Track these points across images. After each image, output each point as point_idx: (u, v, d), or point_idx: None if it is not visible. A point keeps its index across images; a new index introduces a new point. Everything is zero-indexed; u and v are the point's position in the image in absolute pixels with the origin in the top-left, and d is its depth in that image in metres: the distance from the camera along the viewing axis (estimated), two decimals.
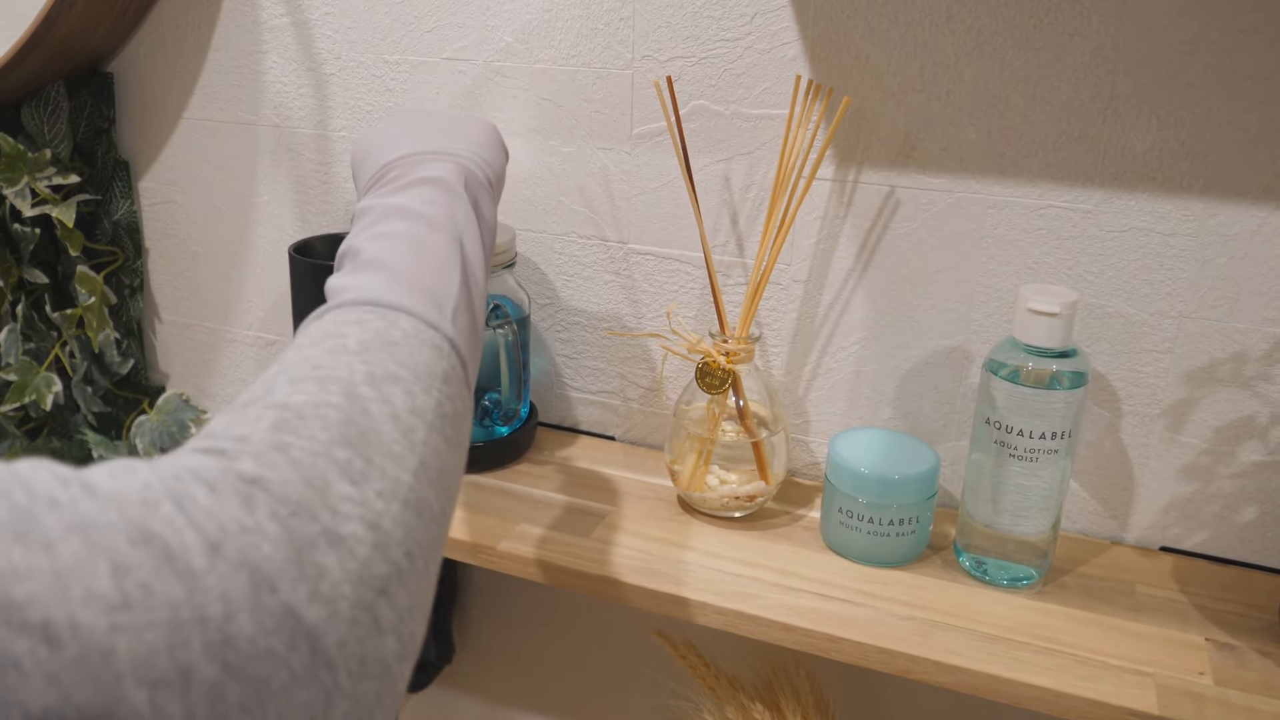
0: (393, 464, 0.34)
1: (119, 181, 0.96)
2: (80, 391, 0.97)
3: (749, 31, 0.70)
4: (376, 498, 0.32)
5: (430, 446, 0.36)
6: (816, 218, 0.72)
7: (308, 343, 0.38)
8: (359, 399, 0.35)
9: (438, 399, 0.38)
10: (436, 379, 0.39)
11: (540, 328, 0.83)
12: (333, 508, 0.31)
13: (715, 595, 0.62)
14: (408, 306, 0.41)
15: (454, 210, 0.48)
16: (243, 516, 0.29)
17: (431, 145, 0.52)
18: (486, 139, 0.56)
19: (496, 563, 0.67)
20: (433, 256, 0.45)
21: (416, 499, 0.34)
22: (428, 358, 0.39)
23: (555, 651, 0.92)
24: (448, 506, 0.37)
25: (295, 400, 0.34)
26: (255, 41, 0.87)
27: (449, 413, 0.39)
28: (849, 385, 0.74)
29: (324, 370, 0.36)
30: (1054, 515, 0.63)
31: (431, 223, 0.46)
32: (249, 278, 0.95)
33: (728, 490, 0.70)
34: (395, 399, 0.36)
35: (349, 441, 0.33)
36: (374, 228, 0.46)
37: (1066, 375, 0.60)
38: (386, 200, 0.48)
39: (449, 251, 0.46)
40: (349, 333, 0.38)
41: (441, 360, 0.40)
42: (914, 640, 0.59)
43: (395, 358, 0.38)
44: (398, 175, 0.50)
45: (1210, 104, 0.60)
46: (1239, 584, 0.66)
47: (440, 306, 0.42)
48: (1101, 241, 0.65)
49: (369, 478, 0.33)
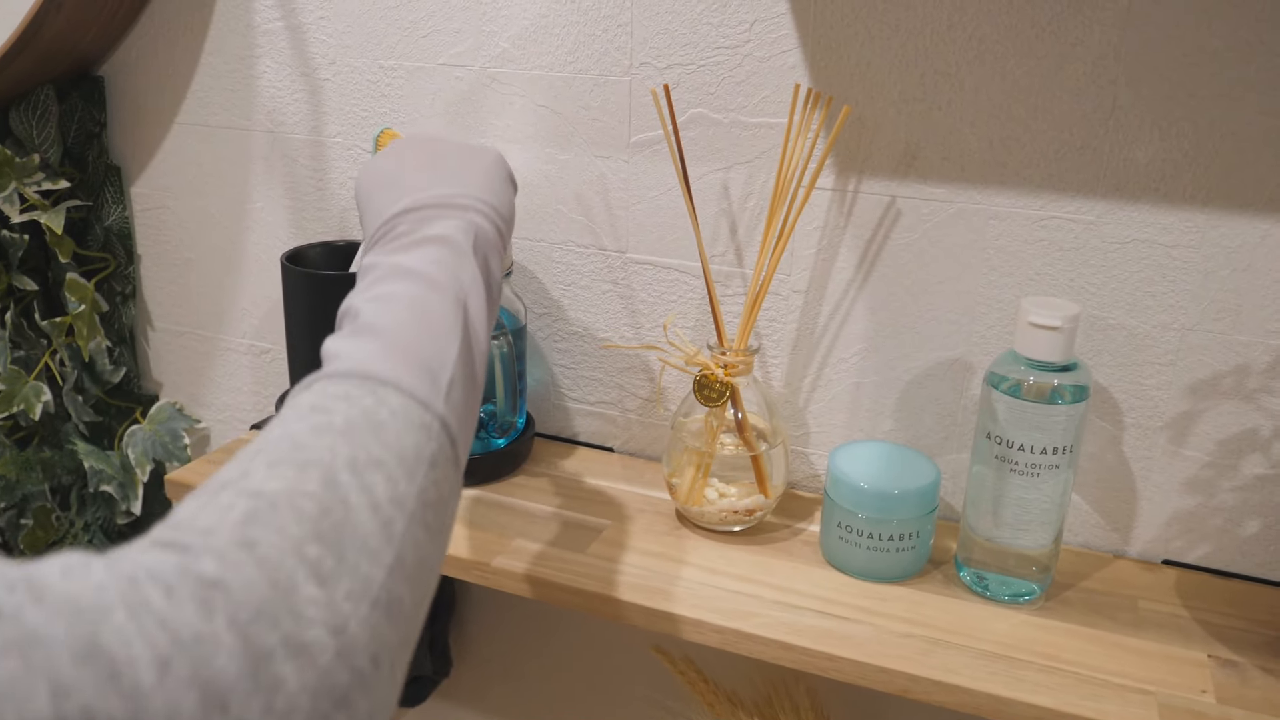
0: (366, 560, 0.33)
1: (110, 187, 0.95)
2: (71, 400, 0.96)
3: (748, 39, 0.69)
4: (345, 599, 0.31)
5: (409, 539, 0.35)
6: (816, 227, 0.71)
7: (293, 417, 0.37)
8: (338, 487, 0.34)
9: (421, 485, 0.37)
10: (423, 463, 0.38)
11: (537, 337, 0.82)
12: (296, 612, 0.30)
13: (713, 613, 0.62)
14: (399, 381, 0.39)
15: (460, 271, 0.46)
16: (199, 624, 0.27)
17: (440, 191, 0.50)
18: (496, 176, 0.54)
19: (491, 579, 0.67)
20: (432, 323, 0.43)
21: (388, 598, 0.33)
22: (415, 440, 0.38)
23: (553, 666, 0.91)
24: (423, 600, 0.36)
25: (270, 488, 0.33)
26: (249, 45, 0.86)
27: (432, 499, 0.37)
28: (849, 397, 0.73)
29: (305, 452, 0.35)
30: (1056, 529, 0.62)
31: (434, 284, 0.45)
32: (243, 285, 0.94)
33: (726, 504, 0.69)
34: (376, 487, 0.35)
35: (321, 536, 0.32)
36: (375, 288, 0.45)
37: (1068, 389, 0.60)
38: (391, 259, 0.47)
39: (450, 317, 0.44)
40: (336, 409, 0.37)
41: (430, 442, 0.39)
42: (914, 659, 0.58)
43: (381, 440, 0.37)
44: (405, 231, 0.49)
45: (1214, 115, 0.59)
46: (1242, 598, 0.65)
47: (434, 380, 0.41)
48: (1104, 253, 0.64)
49: (339, 577, 0.31)
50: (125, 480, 0.98)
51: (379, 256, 0.48)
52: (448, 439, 0.40)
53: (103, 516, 1.01)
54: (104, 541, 1.01)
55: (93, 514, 1.00)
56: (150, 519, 1.04)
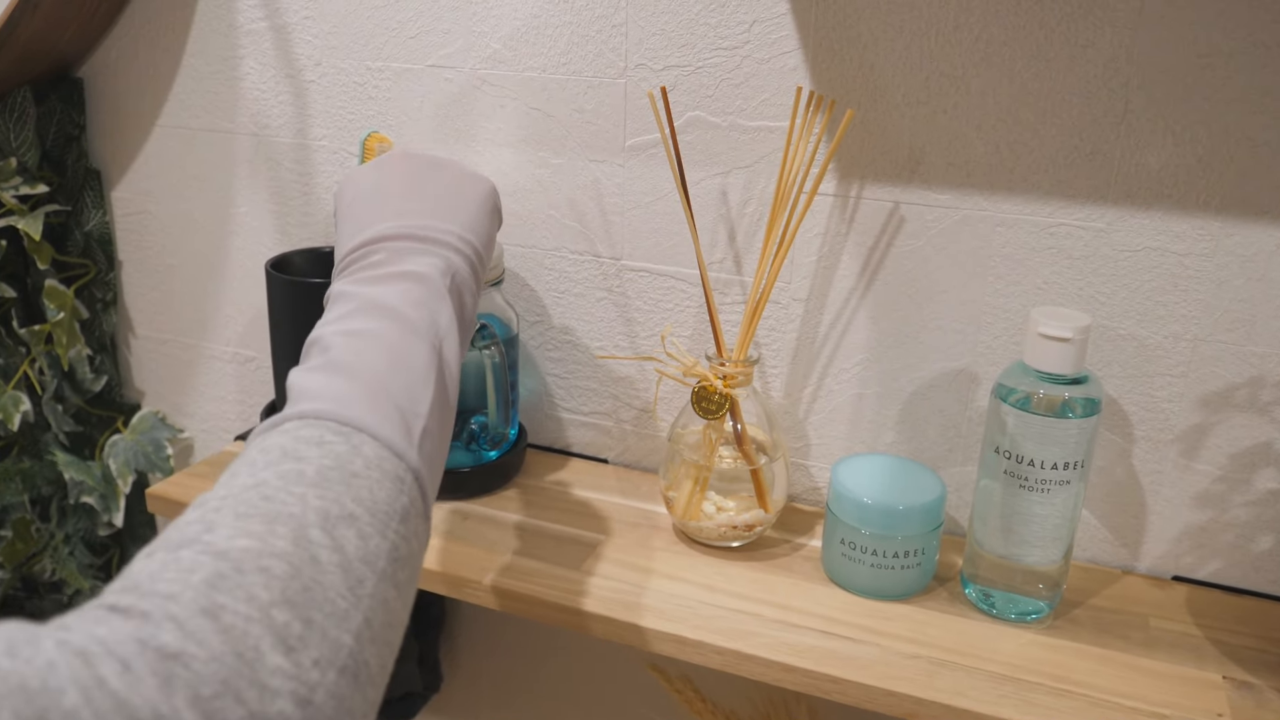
0: (335, 624, 0.31)
1: (90, 191, 0.92)
2: (51, 410, 0.93)
3: (747, 40, 0.67)
4: (312, 667, 0.30)
5: (378, 599, 0.34)
6: (817, 234, 0.69)
7: (263, 462, 0.36)
8: (308, 545, 0.33)
9: (393, 542, 0.36)
10: (394, 518, 0.37)
11: (529, 346, 0.80)
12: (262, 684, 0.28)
13: (712, 633, 0.60)
14: (374, 429, 0.39)
15: (437, 314, 0.45)
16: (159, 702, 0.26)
17: (422, 221, 0.49)
18: (480, 208, 0.52)
19: (483, 598, 0.64)
20: (408, 368, 0.42)
21: (355, 663, 0.32)
22: (388, 493, 0.37)
23: (546, 682, 0.89)
24: (388, 661, 0.35)
25: (237, 546, 0.31)
26: (232, 46, 0.83)
27: (402, 555, 0.37)
28: (851, 408, 0.72)
29: (275, 504, 0.33)
30: (1066, 545, 0.61)
31: (410, 325, 0.44)
32: (227, 291, 0.91)
33: (725, 519, 0.67)
34: (348, 544, 0.34)
35: (290, 600, 0.30)
36: (350, 321, 0.44)
37: (1079, 402, 0.58)
38: (366, 290, 0.45)
39: (426, 362, 0.43)
40: (309, 456, 0.36)
41: (402, 495, 0.38)
42: (921, 681, 0.56)
43: (354, 493, 0.36)
44: (381, 260, 0.47)
45: (1228, 119, 0.58)
46: (1255, 616, 0.63)
47: (408, 430, 0.40)
48: (1114, 261, 0.62)
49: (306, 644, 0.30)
50: (107, 491, 0.95)
51: (352, 285, 0.46)
52: (419, 492, 0.39)
53: (84, 528, 0.98)
54: (85, 554, 0.99)
55: (73, 525, 0.98)
56: (132, 530, 1.01)
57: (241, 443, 0.84)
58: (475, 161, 0.77)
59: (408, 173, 0.52)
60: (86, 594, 0.99)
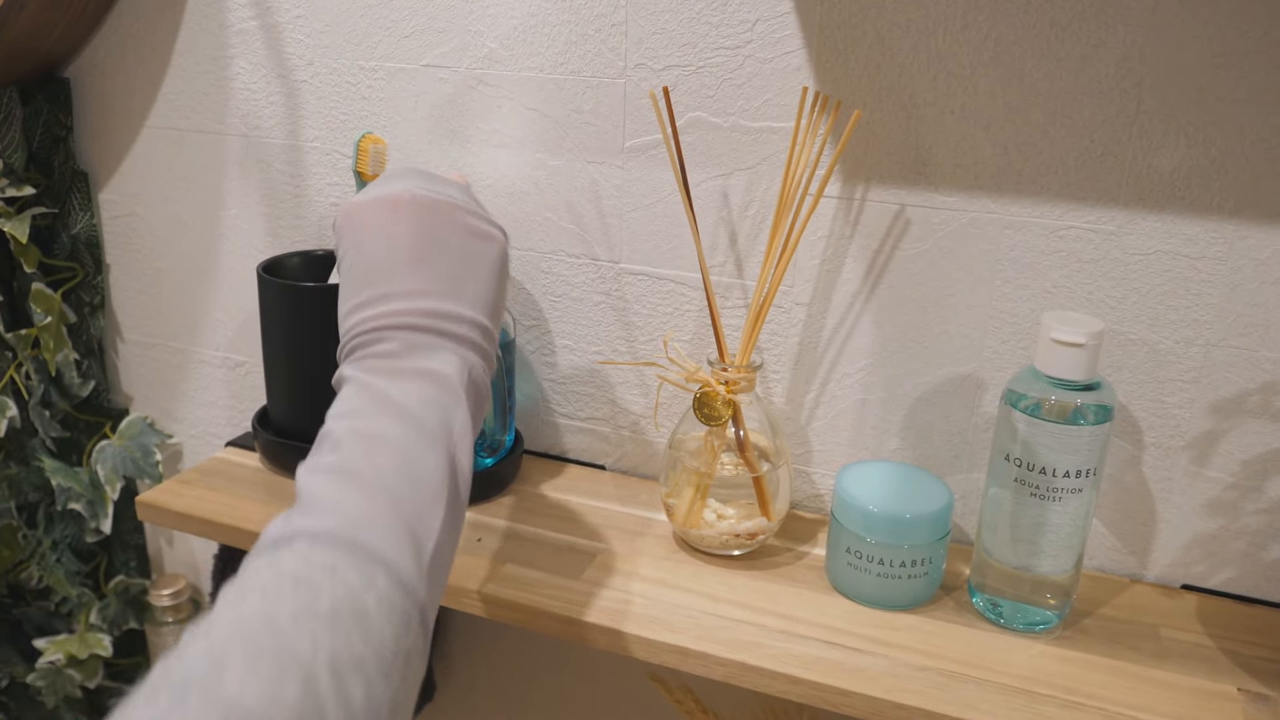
0: None
1: (77, 193, 0.90)
2: (38, 415, 0.91)
3: (750, 39, 0.65)
4: None
5: None
6: (821, 237, 0.67)
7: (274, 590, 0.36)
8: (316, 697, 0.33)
9: (396, 689, 0.37)
10: (400, 660, 0.37)
11: (526, 351, 0.79)
12: None
13: (715, 644, 0.58)
14: (387, 557, 0.39)
15: (451, 418, 0.45)
16: None
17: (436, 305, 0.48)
18: (493, 275, 0.51)
19: (480, 608, 0.63)
20: (422, 484, 0.42)
21: None
22: (395, 632, 0.38)
23: (542, 691, 0.88)
24: None
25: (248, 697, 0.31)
26: (221, 46, 0.82)
27: (402, 700, 0.37)
28: (854, 414, 0.70)
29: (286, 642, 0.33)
30: (1077, 554, 0.59)
31: (425, 432, 0.44)
32: (216, 295, 0.90)
33: (727, 527, 0.66)
34: (354, 696, 0.34)
35: None
36: (361, 419, 0.44)
37: (1091, 409, 0.56)
38: (379, 384, 0.45)
39: (439, 474, 0.43)
40: (322, 586, 0.36)
41: (408, 635, 0.38)
42: (930, 694, 0.55)
43: (364, 634, 0.36)
44: (395, 351, 0.46)
45: (1243, 120, 0.56)
46: (1267, 625, 0.62)
47: (419, 553, 0.40)
48: (1125, 265, 0.61)
49: None
50: (95, 498, 0.93)
51: (364, 373, 0.46)
52: (422, 630, 0.40)
53: (71, 535, 0.96)
54: (73, 561, 0.97)
55: (61, 532, 0.96)
56: (120, 537, 1.00)
57: (232, 449, 0.82)
58: (471, 164, 0.76)
59: (418, 233, 0.49)
60: (73, 601, 0.98)
